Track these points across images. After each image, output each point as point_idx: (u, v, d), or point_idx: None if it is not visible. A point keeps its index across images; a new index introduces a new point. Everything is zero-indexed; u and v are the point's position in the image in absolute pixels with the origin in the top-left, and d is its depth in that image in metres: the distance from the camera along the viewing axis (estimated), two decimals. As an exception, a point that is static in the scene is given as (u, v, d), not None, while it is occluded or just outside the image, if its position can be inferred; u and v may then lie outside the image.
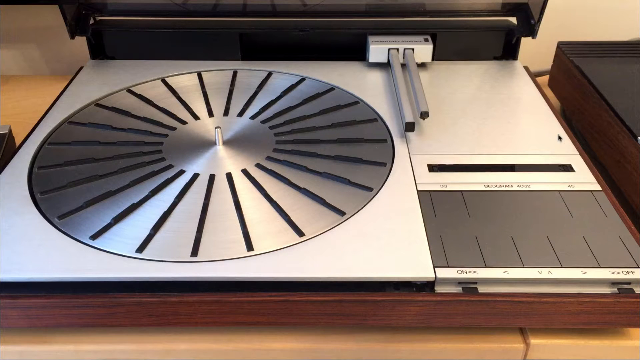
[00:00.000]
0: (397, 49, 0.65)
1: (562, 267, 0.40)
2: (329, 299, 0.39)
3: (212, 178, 0.49)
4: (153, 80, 0.64)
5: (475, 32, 0.68)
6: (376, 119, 0.57)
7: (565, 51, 0.68)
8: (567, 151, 0.52)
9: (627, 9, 0.80)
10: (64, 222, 0.45)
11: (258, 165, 0.51)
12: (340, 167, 0.50)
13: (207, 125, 0.57)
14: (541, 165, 0.50)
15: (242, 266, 0.40)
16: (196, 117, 0.58)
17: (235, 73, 0.65)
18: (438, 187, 0.47)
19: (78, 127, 0.57)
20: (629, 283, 0.40)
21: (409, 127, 0.53)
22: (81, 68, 0.67)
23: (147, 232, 0.43)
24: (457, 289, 0.40)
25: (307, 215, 0.45)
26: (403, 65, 0.64)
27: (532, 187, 0.47)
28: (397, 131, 0.55)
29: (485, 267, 0.40)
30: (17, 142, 0.60)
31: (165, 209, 0.46)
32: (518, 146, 0.53)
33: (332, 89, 0.62)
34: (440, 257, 0.41)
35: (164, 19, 0.69)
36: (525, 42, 0.67)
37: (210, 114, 0.59)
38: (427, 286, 0.40)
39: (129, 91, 0.62)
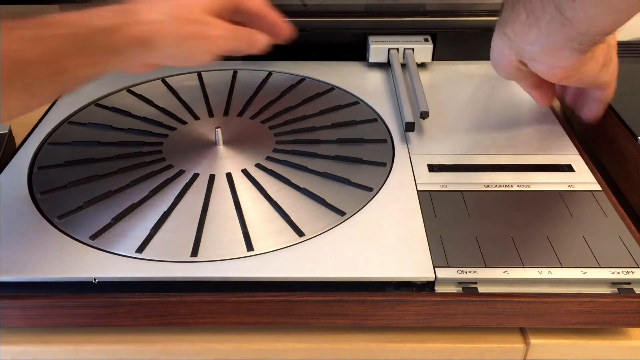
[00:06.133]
0: (397, 49, 0.65)
1: (562, 267, 0.40)
2: (329, 299, 0.39)
3: (212, 178, 0.49)
4: (153, 80, 0.64)
5: (475, 32, 0.68)
6: (376, 119, 0.57)
7: (565, 51, 0.68)
8: (567, 151, 0.52)
9: (627, 9, 0.79)
10: (64, 222, 0.45)
11: (258, 165, 0.51)
12: (340, 167, 0.50)
13: (207, 125, 0.57)
14: (541, 165, 0.50)
15: (242, 266, 0.40)
16: (196, 117, 0.58)
17: (235, 73, 0.65)
18: (438, 187, 0.47)
19: (78, 127, 0.57)
20: (629, 283, 0.40)
21: (409, 127, 0.53)
22: (81, 68, 0.67)
23: (147, 232, 0.43)
24: (457, 289, 0.40)
25: (307, 215, 0.45)
26: (403, 65, 0.64)
27: (532, 187, 0.47)
28: (397, 131, 0.55)
29: (485, 267, 0.40)
30: (17, 142, 0.60)
31: (165, 209, 0.46)
32: (518, 146, 0.53)
33: (332, 89, 0.62)
34: (440, 257, 0.41)
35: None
36: (525, 42, 0.67)
37: (210, 114, 0.59)
38: (427, 286, 0.40)
39: (129, 91, 0.62)
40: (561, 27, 0.41)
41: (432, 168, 0.50)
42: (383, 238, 0.42)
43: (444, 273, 0.39)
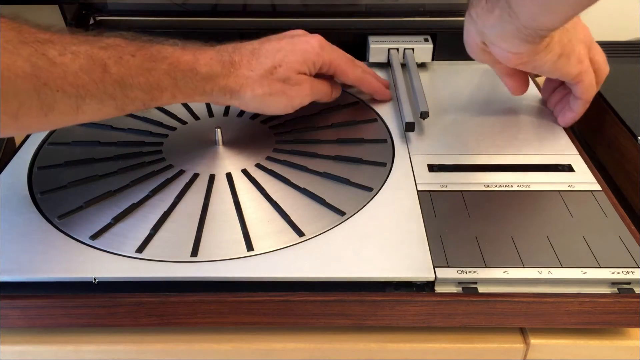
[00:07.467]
0: (397, 49, 0.65)
1: (562, 267, 0.40)
2: (329, 299, 0.39)
3: (212, 178, 0.49)
4: (153, 80, 0.64)
5: (475, 32, 0.67)
6: (376, 119, 0.57)
7: (565, 51, 0.67)
8: (567, 151, 0.52)
9: (627, 9, 0.80)
10: (64, 222, 0.45)
11: (258, 165, 0.51)
12: (340, 167, 0.50)
13: (207, 125, 0.57)
14: (541, 165, 0.50)
15: (242, 266, 0.40)
16: (196, 117, 0.58)
17: (235, 73, 0.65)
18: (438, 187, 0.47)
19: (78, 127, 0.56)
20: (629, 283, 0.40)
21: (409, 127, 0.53)
22: (81, 68, 0.67)
23: (147, 232, 0.43)
24: (457, 289, 0.40)
25: (307, 215, 0.45)
26: (403, 65, 0.64)
27: (532, 187, 0.47)
28: (397, 131, 0.55)
29: (485, 267, 0.40)
30: (17, 142, 0.60)
31: (165, 209, 0.46)
32: (518, 146, 0.52)
33: (332, 89, 0.62)
34: (440, 257, 0.41)
35: (164, 19, 0.69)
36: (525, 42, 0.67)
37: (210, 114, 0.59)
38: (427, 286, 0.40)
39: (129, 91, 0.62)
40: (509, 17, 0.44)
41: (432, 168, 0.50)
42: (383, 238, 0.42)
43: (444, 273, 0.39)
